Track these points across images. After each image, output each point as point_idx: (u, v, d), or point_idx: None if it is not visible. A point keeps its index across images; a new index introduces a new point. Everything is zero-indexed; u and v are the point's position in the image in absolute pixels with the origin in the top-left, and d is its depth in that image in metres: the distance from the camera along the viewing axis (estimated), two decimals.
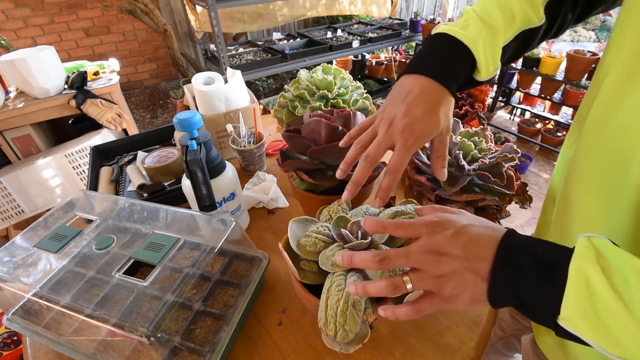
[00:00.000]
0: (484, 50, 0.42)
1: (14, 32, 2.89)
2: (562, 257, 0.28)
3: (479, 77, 0.43)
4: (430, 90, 0.41)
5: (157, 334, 0.38)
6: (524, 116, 2.86)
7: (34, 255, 0.49)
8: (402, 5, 3.85)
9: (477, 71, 0.43)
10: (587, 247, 0.27)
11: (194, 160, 0.50)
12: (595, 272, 0.25)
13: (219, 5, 1.90)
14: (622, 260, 0.26)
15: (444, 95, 0.41)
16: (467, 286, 0.31)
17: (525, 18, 0.43)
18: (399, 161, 0.40)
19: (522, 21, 0.43)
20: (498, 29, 0.42)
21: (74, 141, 1.54)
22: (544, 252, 0.29)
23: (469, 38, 0.41)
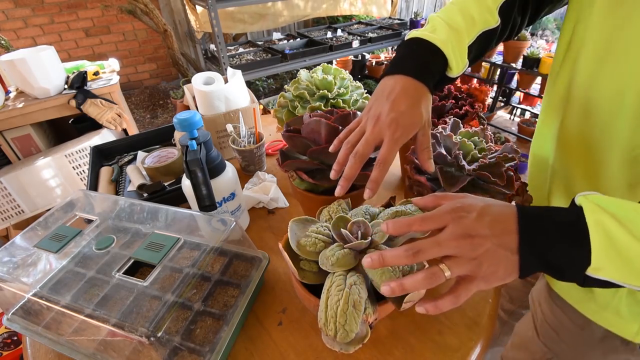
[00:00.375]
0: (452, 49, 0.46)
1: (14, 32, 2.89)
2: (574, 215, 0.31)
3: (450, 74, 0.48)
4: (411, 87, 0.44)
5: (157, 334, 0.38)
6: (524, 116, 2.85)
7: (34, 255, 0.49)
8: (402, 5, 3.85)
9: (449, 69, 0.47)
10: (590, 202, 0.30)
11: (194, 160, 0.50)
12: (609, 221, 0.29)
13: (219, 5, 1.91)
14: (621, 206, 0.30)
15: (424, 91, 0.45)
16: (501, 262, 0.32)
17: (483, 21, 0.48)
18: (387, 153, 0.42)
19: (481, 23, 0.48)
20: (462, 31, 0.47)
21: (74, 141, 1.54)
22: (557, 215, 0.32)
23: (439, 40, 0.46)
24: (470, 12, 0.48)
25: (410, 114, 0.43)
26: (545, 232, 0.31)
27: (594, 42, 0.41)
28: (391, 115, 0.43)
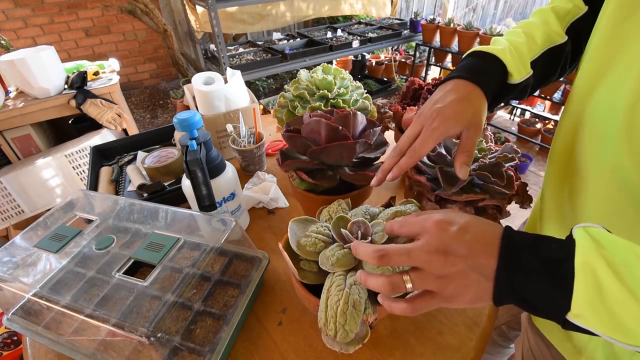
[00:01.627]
0: (511, 56, 0.45)
1: (14, 32, 2.89)
2: (564, 252, 0.27)
3: (511, 79, 0.46)
4: (462, 86, 0.43)
5: (157, 334, 0.38)
6: (524, 116, 2.86)
7: (34, 255, 0.49)
8: (402, 5, 3.85)
9: (510, 75, 0.45)
10: (586, 239, 0.27)
11: (194, 160, 0.50)
12: (601, 265, 0.25)
13: (219, 5, 1.91)
14: (622, 248, 0.26)
15: (476, 92, 0.43)
16: (470, 286, 0.30)
17: (547, 38, 0.47)
18: (420, 141, 0.41)
19: (546, 41, 0.47)
20: (522, 44, 0.46)
21: (74, 141, 1.54)
22: (546, 248, 0.28)
23: (496, 49, 0.45)
24: (532, 31, 0.47)
25: (454, 108, 0.42)
26: (527, 265, 0.28)
27: (597, 54, 0.39)
28: (435, 107, 0.42)
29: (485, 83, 0.43)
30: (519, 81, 0.46)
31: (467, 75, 0.44)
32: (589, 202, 0.41)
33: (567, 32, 0.47)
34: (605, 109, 0.37)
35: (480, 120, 0.42)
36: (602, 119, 0.37)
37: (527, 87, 0.47)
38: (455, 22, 2.54)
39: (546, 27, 0.47)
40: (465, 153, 0.42)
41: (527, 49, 0.46)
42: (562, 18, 0.47)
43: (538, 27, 0.47)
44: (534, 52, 0.47)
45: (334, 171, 0.56)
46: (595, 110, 0.38)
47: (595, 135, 0.39)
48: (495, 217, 0.53)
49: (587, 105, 0.39)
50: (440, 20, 2.68)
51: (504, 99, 0.48)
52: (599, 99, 0.38)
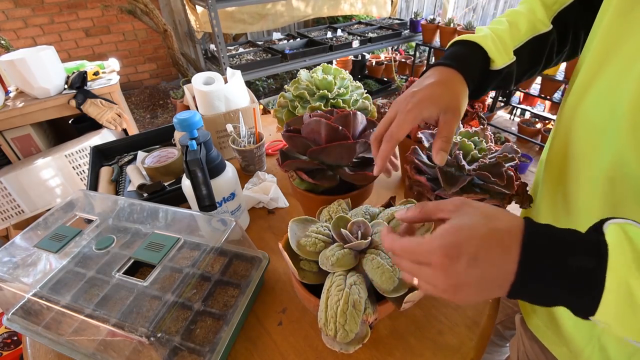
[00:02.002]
0: (492, 43, 0.44)
1: (14, 32, 2.89)
2: (594, 262, 0.25)
3: (494, 66, 0.45)
4: (440, 71, 0.43)
5: (157, 334, 0.38)
6: (524, 116, 2.85)
7: (34, 255, 0.49)
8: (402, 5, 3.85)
9: (492, 61, 0.45)
10: (621, 245, 0.25)
11: (194, 160, 0.50)
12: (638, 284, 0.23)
13: (219, 5, 1.91)
14: None
15: (454, 75, 0.42)
16: (483, 295, 0.29)
17: (532, 27, 0.46)
18: (395, 126, 0.40)
19: (530, 29, 0.46)
20: (505, 31, 0.46)
21: (74, 141, 1.54)
22: (575, 257, 0.26)
23: (477, 36, 0.45)
24: (516, 19, 0.47)
25: (430, 90, 0.41)
26: (548, 277, 0.26)
27: (596, 49, 0.38)
28: (410, 91, 0.41)
29: (465, 68, 0.43)
30: (501, 67, 0.45)
31: (446, 61, 0.43)
32: (585, 199, 0.40)
33: (554, 22, 0.47)
34: (605, 103, 0.36)
35: (458, 104, 0.41)
36: (602, 114, 0.37)
37: (510, 74, 0.47)
38: (455, 22, 2.54)
39: (531, 15, 0.47)
40: (442, 138, 0.40)
41: (509, 37, 0.46)
42: (549, 7, 0.47)
43: (523, 15, 0.47)
44: (517, 40, 0.46)
45: (334, 171, 0.56)
46: (594, 105, 0.38)
47: (593, 130, 0.38)
48: None
49: (585, 101, 0.39)
50: (440, 20, 2.68)
51: (488, 87, 0.47)
52: (599, 92, 0.37)
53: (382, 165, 0.43)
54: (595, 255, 0.25)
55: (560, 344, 0.48)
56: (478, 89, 0.46)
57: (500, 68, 0.45)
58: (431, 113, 0.40)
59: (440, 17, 2.79)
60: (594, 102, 0.38)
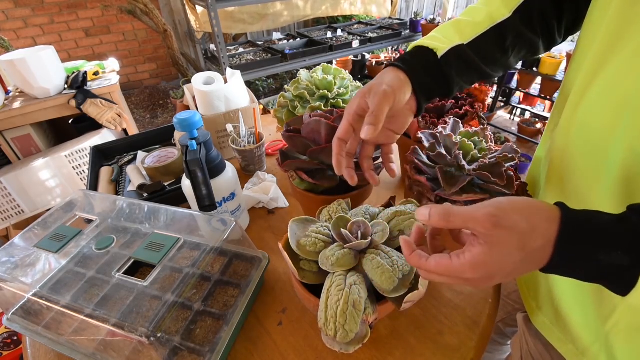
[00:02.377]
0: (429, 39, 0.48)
1: (14, 32, 2.89)
2: (628, 261, 0.26)
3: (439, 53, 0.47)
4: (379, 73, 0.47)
5: (157, 334, 0.38)
6: (524, 116, 2.86)
7: (34, 255, 0.49)
8: (402, 5, 3.85)
9: (435, 49, 0.47)
10: None
11: (194, 160, 0.50)
12: None
13: (219, 5, 1.91)
14: None
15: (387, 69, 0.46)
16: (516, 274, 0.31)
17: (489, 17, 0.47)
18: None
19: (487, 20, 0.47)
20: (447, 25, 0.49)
21: (74, 141, 1.54)
22: (608, 255, 0.27)
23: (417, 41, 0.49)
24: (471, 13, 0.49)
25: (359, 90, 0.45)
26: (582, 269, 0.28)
27: (601, 42, 0.37)
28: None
29: (403, 62, 0.45)
30: (445, 51, 0.46)
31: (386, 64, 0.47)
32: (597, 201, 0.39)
33: (519, 11, 0.47)
34: (613, 98, 0.35)
35: (380, 87, 0.42)
36: (610, 109, 0.35)
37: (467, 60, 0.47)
38: None
39: (487, 7, 0.48)
40: (369, 115, 0.41)
41: (454, 30, 0.48)
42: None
43: (478, 9, 0.49)
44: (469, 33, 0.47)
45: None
46: (600, 101, 0.37)
47: (600, 127, 0.37)
48: None
49: (588, 96, 0.38)
50: (440, 20, 2.68)
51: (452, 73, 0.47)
52: (605, 86, 0.36)
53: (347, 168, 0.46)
54: (633, 254, 0.26)
55: (566, 341, 0.48)
56: (442, 82, 0.47)
57: (444, 52, 0.46)
58: (359, 102, 0.43)
59: (440, 17, 2.79)
60: (599, 97, 0.37)
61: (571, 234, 0.28)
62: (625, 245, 0.26)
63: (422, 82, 0.45)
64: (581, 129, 0.40)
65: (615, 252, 0.26)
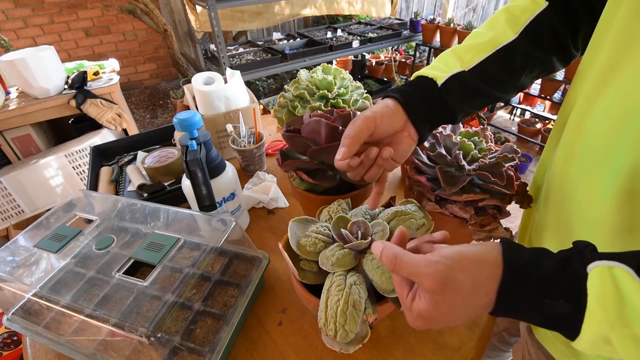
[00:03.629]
0: (428, 68, 0.47)
1: (14, 32, 2.89)
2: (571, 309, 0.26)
3: (438, 81, 0.46)
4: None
5: (157, 334, 0.38)
6: (524, 116, 2.86)
7: (34, 255, 0.49)
8: (402, 5, 3.85)
9: (434, 78, 0.46)
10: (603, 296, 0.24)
11: (194, 160, 0.50)
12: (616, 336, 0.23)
13: (219, 5, 1.91)
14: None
15: (383, 100, 0.46)
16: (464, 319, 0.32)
17: (492, 41, 0.46)
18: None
19: (490, 43, 0.47)
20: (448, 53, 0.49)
21: (74, 141, 1.54)
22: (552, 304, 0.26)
23: (417, 72, 0.48)
24: (474, 38, 0.48)
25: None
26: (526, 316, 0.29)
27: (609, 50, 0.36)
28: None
29: (397, 91, 0.45)
30: (444, 79, 0.46)
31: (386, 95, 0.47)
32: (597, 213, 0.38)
33: (526, 31, 0.46)
34: (620, 107, 0.34)
35: (368, 114, 0.43)
36: (617, 119, 0.34)
37: (470, 86, 0.46)
38: (455, 22, 2.54)
39: (491, 32, 0.47)
40: (344, 138, 0.42)
41: (454, 57, 0.47)
42: (517, 18, 0.46)
43: (481, 34, 0.48)
44: (471, 59, 0.47)
45: (334, 171, 0.56)
46: (608, 110, 0.36)
47: (606, 138, 0.36)
48: (495, 217, 0.53)
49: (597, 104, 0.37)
50: (440, 20, 2.68)
51: (454, 100, 0.46)
52: (614, 96, 0.35)
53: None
54: (573, 302, 0.25)
55: (569, 354, 0.47)
56: (444, 108, 0.46)
57: (444, 81, 0.46)
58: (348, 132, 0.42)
59: (440, 17, 2.79)
60: (604, 110, 0.36)
61: (512, 285, 0.28)
62: (565, 292, 0.26)
63: (418, 110, 0.45)
64: (585, 141, 0.39)
65: (557, 301, 0.26)
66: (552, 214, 0.47)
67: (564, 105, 0.48)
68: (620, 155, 0.34)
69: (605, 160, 0.36)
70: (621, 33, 0.35)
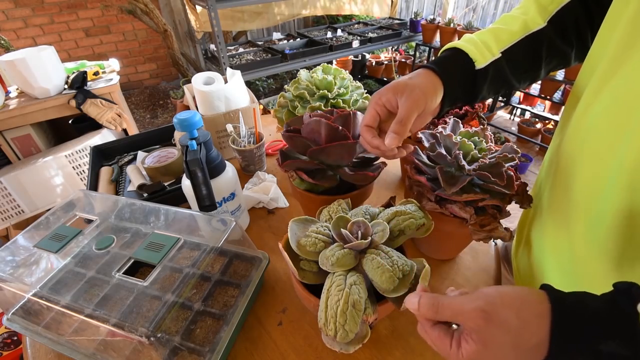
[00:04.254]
0: (472, 44, 0.46)
1: (14, 32, 2.89)
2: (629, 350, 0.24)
3: (478, 65, 0.46)
4: (414, 71, 0.45)
5: (157, 334, 0.38)
6: (524, 116, 2.86)
7: (34, 255, 0.49)
8: (402, 5, 3.85)
9: (475, 61, 0.46)
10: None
11: (194, 160, 0.50)
12: None
13: (219, 5, 1.91)
14: None
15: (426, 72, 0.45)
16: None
17: (524, 26, 0.46)
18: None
19: (522, 29, 0.46)
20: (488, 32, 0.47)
21: (74, 141, 1.54)
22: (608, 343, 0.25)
23: (457, 42, 0.47)
24: (507, 21, 0.48)
25: (394, 82, 0.44)
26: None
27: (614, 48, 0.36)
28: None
29: (439, 67, 0.44)
30: (485, 64, 0.46)
31: (424, 65, 0.45)
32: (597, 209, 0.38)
33: (552, 21, 0.46)
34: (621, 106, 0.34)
35: (413, 92, 0.41)
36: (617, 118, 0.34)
37: (501, 72, 0.46)
38: (455, 22, 2.54)
39: (524, 16, 0.47)
40: (395, 120, 0.40)
41: (493, 38, 0.47)
42: (544, 7, 0.47)
43: (515, 17, 0.48)
44: (507, 40, 0.46)
45: (334, 171, 0.56)
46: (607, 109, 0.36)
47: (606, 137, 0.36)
48: (495, 217, 0.53)
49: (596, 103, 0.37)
50: (440, 20, 2.68)
51: (481, 87, 0.47)
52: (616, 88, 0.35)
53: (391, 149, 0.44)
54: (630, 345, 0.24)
55: None
56: (471, 91, 0.47)
57: (484, 66, 0.46)
58: (388, 97, 0.43)
59: (440, 17, 2.79)
60: (609, 102, 0.36)
61: (565, 329, 0.26)
62: (621, 333, 0.25)
63: (453, 90, 0.45)
64: (590, 132, 0.39)
65: (613, 341, 0.25)
66: (555, 207, 0.47)
67: (569, 100, 0.48)
68: (623, 148, 0.34)
69: (609, 152, 0.36)
70: (630, 26, 0.35)
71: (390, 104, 0.43)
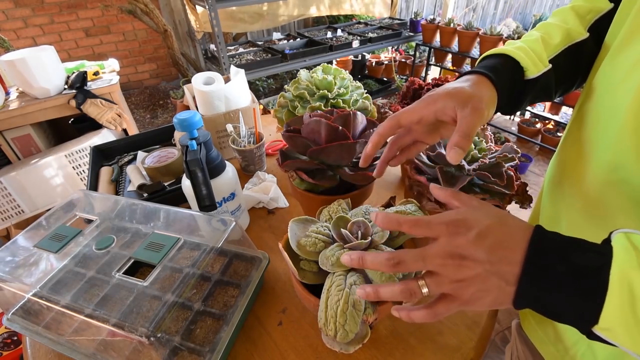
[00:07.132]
0: (524, 53, 0.43)
1: (14, 32, 2.89)
2: (600, 261, 0.26)
3: (528, 75, 0.43)
4: (466, 77, 0.41)
5: (157, 334, 0.38)
6: (524, 116, 2.85)
7: (34, 255, 0.49)
8: (402, 5, 3.85)
9: (525, 70, 0.43)
10: (626, 249, 0.25)
11: (194, 160, 0.50)
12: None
13: (219, 5, 1.91)
14: None
15: (481, 79, 0.40)
16: (490, 290, 0.29)
17: (567, 36, 0.45)
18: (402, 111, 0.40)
19: (565, 39, 0.45)
20: (536, 42, 0.45)
21: (74, 141, 1.54)
22: (579, 256, 0.27)
23: (507, 49, 0.44)
24: (549, 31, 0.46)
25: (450, 87, 0.39)
26: (553, 275, 0.26)
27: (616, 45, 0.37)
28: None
29: (495, 75, 0.41)
30: (537, 75, 0.43)
31: (475, 70, 0.42)
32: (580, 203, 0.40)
33: (590, 31, 0.45)
34: (607, 104, 0.36)
35: (480, 104, 0.37)
36: (605, 115, 0.36)
37: (548, 83, 0.45)
38: (455, 22, 2.54)
39: (565, 25, 0.46)
40: (459, 134, 0.36)
41: (542, 46, 0.45)
42: (582, 17, 0.46)
43: (556, 26, 0.46)
44: (552, 50, 0.45)
45: (334, 171, 0.56)
46: (598, 105, 0.37)
47: (597, 131, 0.38)
48: None
49: (590, 100, 0.39)
50: (440, 20, 2.68)
51: (526, 98, 0.45)
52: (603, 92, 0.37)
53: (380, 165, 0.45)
54: (600, 254, 0.26)
55: (548, 342, 0.49)
56: (515, 101, 0.44)
57: (535, 76, 0.43)
58: (446, 104, 0.38)
59: (440, 17, 2.79)
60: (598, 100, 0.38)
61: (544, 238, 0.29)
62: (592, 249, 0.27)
63: (501, 100, 0.42)
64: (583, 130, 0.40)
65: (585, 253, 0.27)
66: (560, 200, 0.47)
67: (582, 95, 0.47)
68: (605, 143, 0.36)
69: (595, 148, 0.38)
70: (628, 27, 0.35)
71: (443, 112, 0.38)
